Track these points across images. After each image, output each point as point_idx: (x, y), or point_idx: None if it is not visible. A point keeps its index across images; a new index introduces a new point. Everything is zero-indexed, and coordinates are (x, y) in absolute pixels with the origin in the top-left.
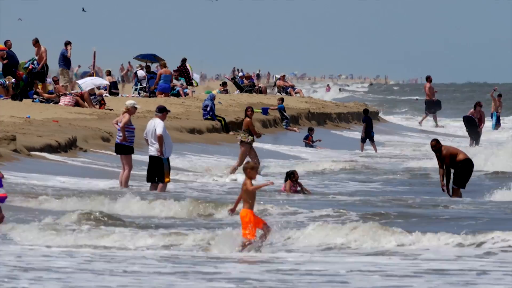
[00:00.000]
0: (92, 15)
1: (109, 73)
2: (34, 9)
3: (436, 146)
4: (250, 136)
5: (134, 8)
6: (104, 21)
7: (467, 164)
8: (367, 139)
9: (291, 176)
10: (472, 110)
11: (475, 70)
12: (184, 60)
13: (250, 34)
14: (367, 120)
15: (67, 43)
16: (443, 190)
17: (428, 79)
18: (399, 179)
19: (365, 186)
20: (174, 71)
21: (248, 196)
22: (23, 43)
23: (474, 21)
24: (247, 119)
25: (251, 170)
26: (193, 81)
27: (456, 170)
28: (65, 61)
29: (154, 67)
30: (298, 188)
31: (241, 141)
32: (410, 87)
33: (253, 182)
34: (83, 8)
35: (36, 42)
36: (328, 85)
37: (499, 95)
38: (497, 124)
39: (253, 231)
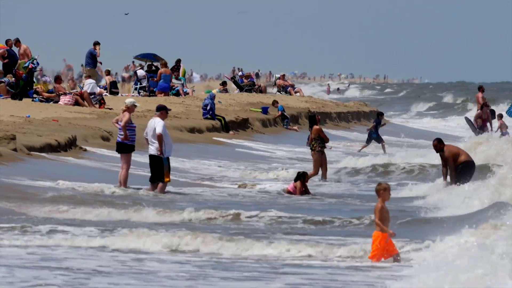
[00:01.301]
0: (92, 14)
1: (108, 73)
2: (35, 9)
3: (437, 146)
4: (320, 144)
5: (134, 8)
6: (104, 20)
7: (468, 166)
8: (372, 140)
9: (302, 178)
10: (479, 111)
11: (476, 69)
12: (178, 61)
13: (250, 34)
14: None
15: (96, 43)
16: None
17: (481, 89)
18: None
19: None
20: (170, 69)
21: (379, 218)
22: (23, 42)
23: (475, 20)
24: (316, 126)
25: (384, 192)
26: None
27: (457, 171)
28: (93, 60)
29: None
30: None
31: (312, 150)
32: (406, 86)
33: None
34: (126, 13)
35: (16, 42)
36: (328, 84)
37: None
38: None
39: (378, 256)
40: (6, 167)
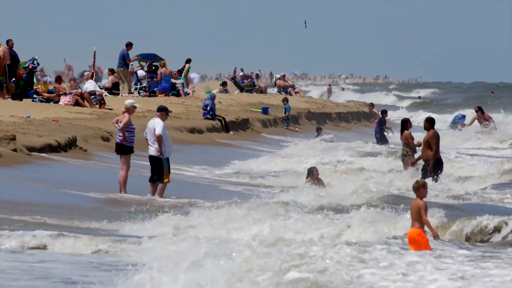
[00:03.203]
0: (92, 14)
1: (111, 73)
2: (34, 8)
3: (424, 125)
4: (408, 149)
5: (134, 9)
6: (104, 20)
7: (441, 163)
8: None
9: (311, 173)
10: (475, 114)
11: (476, 70)
12: (188, 61)
13: (250, 34)
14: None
15: (129, 44)
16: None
17: None
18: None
19: None
20: (178, 71)
21: (417, 217)
22: (24, 42)
23: (474, 21)
24: (406, 132)
25: (423, 189)
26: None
27: (425, 164)
28: (125, 61)
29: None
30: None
31: (403, 155)
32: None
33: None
34: None
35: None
36: (329, 85)
37: None
38: None
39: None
40: (15, 169)
